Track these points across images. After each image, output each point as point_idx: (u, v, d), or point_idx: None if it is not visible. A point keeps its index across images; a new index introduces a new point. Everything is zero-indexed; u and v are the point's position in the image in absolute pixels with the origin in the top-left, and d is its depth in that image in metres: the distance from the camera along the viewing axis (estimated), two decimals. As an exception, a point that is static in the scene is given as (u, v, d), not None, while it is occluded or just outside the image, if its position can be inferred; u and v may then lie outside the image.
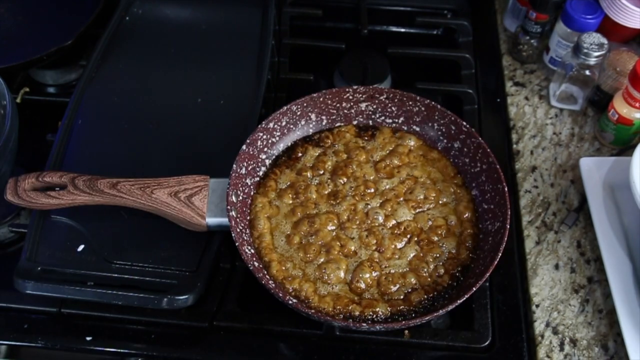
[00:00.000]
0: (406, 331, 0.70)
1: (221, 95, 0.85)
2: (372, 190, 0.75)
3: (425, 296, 0.68)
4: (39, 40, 0.98)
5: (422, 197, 0.74)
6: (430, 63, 1.01)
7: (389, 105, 0.81)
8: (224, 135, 0.81)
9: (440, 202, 0.75)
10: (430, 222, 0.73)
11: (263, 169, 0.77)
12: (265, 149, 0.78)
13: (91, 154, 0.81)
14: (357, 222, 0.72)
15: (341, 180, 0.75)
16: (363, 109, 0.81)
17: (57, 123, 0.83)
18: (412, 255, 0.70)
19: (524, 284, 0.76)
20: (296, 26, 1.04)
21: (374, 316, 0.66)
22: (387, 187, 0.75)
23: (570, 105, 0.93)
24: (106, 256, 0.71)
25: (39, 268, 0.70)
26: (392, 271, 0.69)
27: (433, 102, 0.79)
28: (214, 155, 0.79)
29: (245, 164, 0.74)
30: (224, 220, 0.69)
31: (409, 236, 0.72)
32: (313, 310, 0.65)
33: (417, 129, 0.81)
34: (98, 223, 0.74)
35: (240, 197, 0.72)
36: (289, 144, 0.80)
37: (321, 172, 0.77)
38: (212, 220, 0.70)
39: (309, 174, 0.77)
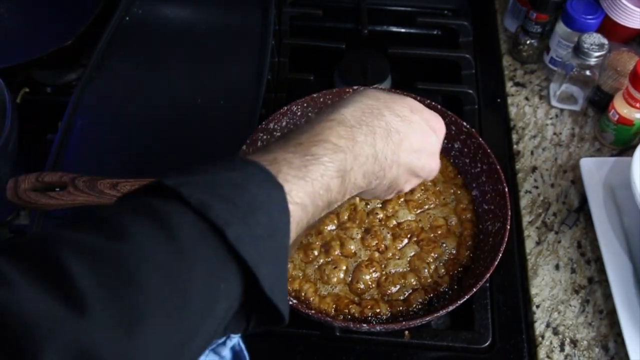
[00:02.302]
0: (406, 332, 0.70)
1: (221, 95, 0.85)
2: (373, 191, 0.75)
3: (426, 297, 0.68)
4: (39, 40, 0.98)
5: (422, 197, 0.74)
6: (430, 63, 1.01)
7: (389, 105, 0.80)
8: (224, 135, 0.81)
9: (440, 202, 0.75)
10: (430, 223, 0.73)
11: (263, 169, 0.77)
12: (266, 149, 0.77)
13: (91, 154, 0.81)
14: (357, 222, 0.72)
15: (341, 181, 0.75)
16: (363, 109, 0.81)
17: (57, 123, 0.83)
18: (412, 255, 0.70)
19: (524, 285, 0.76)
20: (296, 26, 1.04)
21: (374, 317, 0.66)
22: (388, 187, 0.75)
23: (570, 106, 0.93)
24: (106, 256, 0.71)
25: (39, 268, 0.70)
26: (393, 271, 0.69)
27: (433, 103, 0.79)
28: (214, 156, 0.78)
29: (245, 164, 0.74)
30: (224, 220, 0.69)
31: (409, 236, 0.71)
32: (313, 311, 0.65)
33: (418, 129, 0.81)
34: (98, 223, 0.74)
35: (241, 198, 0.72)
36: (289, 144, 0.80)
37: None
38: (212, 221, 0.70)
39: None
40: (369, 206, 0.73)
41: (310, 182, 0.45)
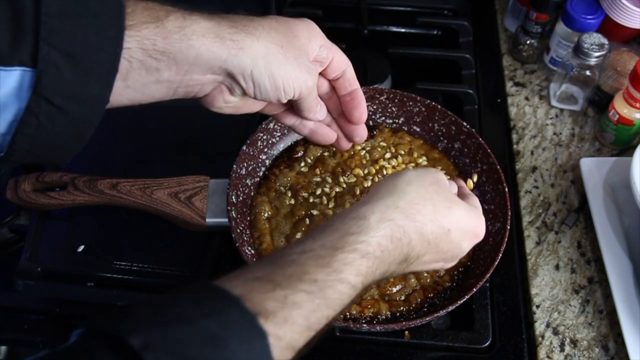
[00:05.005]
0: (406, 332, 0.70)
1: (221, 95, 0.85)
2: (373, 191, 0.75)
3: (426, 297, 0.68)
4: (38, 40, 0.98)
5: (422, 197, 0.74)
6: (431, 63, 1.01)
7: (390, 105, 0.81)
8: (224, 135, 0.81)
9: (440, 202, 0.75)
10: (430, 223, 0.73)
11: (263, 169, 0.77)
12: (266, 150, 0.77)
13: (91, 154, 0.80)
14: (358, 223, 0.72)
15: (341, 180, 0.75)
16: (363, 109, 0.81)
17: (57, 123, 0.83)
18: (412, 255, 0.70)
19: (525, 285, 0.76)
20: (296, 26, 1.04)
21: (375, 317, 0.66)
22: (388, 187, 0.75)
23: (570, 106, 0.93)
24: (106, 256, 0.71)
25: (39, 268, 0.70)
26: (393, 272, 0.69)
27: (433, 103, 0.79)
28: (214, 156, 0.79)
29: (245, 164, 0.74)
30: (224, 220, 0.69)
31: (409, 236, 0.71)
32: (313, 311, 0.64)
33: (418, 129, 0.81)
34: (98, 223, 0.74)
35: (241, 198, 0.72)
36: (289, 144, 0.80)
37: (321, 172, 0.77)
38: (212, 221, 0.70)
39: (309, 174, 0.76)
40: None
41: (312, 326, 0.42)
